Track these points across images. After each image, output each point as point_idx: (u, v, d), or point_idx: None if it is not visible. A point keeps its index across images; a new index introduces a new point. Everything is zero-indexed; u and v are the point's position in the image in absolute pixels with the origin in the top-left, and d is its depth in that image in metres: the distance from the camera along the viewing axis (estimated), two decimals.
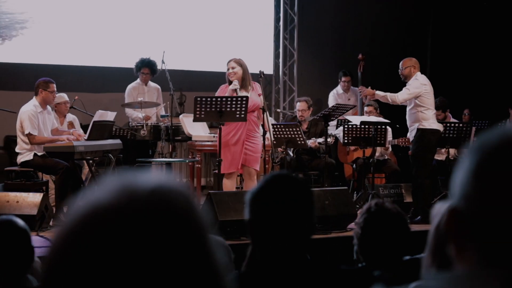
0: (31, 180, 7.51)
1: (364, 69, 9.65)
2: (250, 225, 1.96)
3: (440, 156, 8.71)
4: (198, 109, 6.70)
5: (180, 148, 9.98)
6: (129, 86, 9.49)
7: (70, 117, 8.82)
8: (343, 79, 10.35)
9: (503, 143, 0.99)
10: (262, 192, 1.98)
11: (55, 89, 7.45)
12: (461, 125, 8.26)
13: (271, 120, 9.42)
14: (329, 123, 8.10)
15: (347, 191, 6.97)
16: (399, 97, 7.50)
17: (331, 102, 10.24)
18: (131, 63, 9.47)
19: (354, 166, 9.11)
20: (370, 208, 3.17)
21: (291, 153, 8.89)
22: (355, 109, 9.91)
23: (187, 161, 7.69)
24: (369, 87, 7.83)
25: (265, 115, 6.94)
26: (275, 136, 7.93)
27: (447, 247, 1.06)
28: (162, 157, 9.11)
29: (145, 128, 8.81)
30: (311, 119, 8.45)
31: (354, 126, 8.20)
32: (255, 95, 7.11)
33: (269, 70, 11.33)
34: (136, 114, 9.11)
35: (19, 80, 9.69)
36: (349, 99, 10.21)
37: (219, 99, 6.71)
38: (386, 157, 9.14)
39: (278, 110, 9.42)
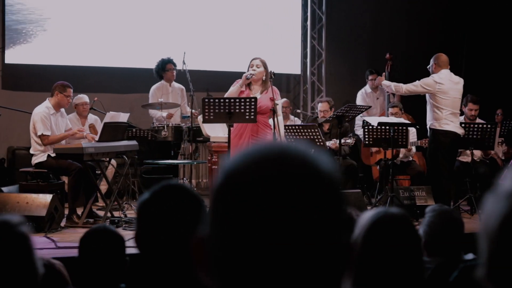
0: (47, 181, 7.57)
1: (391, 69, 9.48)
2: (137, 236, 1.86)
3: (466, 158, 8.45)
4: (206, 110, 6.63)
5: (202, 149, 9.94)
6: (153, 87, 9.48)
7: (92, 118, 8.87)
8: (370, 77, 10.16)
9: None
10: (150, 203, 1.88)
11: (71, 94, 7.48)
12: (485, 126, 7.99)
13: (292, 121, 9.31)
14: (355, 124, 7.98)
15: (359, 194, 6.80)
16: (403, 87, 7.31)
17: (359, 101, 10.07)
18: (154, 64, 9.47)
19: (379, 167, 8.92)
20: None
21: None
22: (382, 110, 9.73)
23: (195, 162, 7.61)
24: (383, 74, 7.76)
25: (275, 118, 6.82)
26: (294, 138, 7.80)
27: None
28: (184, 158, 9.09)
29: (166, 129, 8.79)
30: (323, 121, 8.29)
31: (374, 127, 8.04)
32: (265, 98, 7.00)
33: (296, 70, 11.21)
34: (159, 114, 9.10)
35: (44, 81, 9.79)
36: (377, 98, 10.03)
37: (227, 100, 6.63)
38: (411, 159, 8.92)
39: (298, 110, 9.28)
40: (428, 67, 7.50)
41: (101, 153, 6.94)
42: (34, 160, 7.33)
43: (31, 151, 7.39)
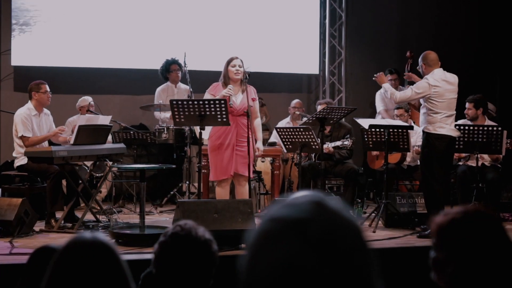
0: (35, 184, 7.51)
1: (412, 68, 9.01)
2: None
3: (474, 163, 7.91)
4: (176, 113, 6.40)
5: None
6: (158, 89, 9.34)
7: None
8: (389, 77, 9.69)
9: None
10: (60, 261, 1.78)
11: (48, 89, 7.40)
12: (490, 128, 7.44)
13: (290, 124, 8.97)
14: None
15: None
16: (397, 96, 6.88)
17: (378, 102, 9.66)
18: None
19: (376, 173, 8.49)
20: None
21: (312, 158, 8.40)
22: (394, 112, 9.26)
23: (164, 167, 7.38)
24: (382, 73, 7.36)
25: (249, 120, 6.52)
26: (290, 140, 7.46)
27: None
28: (188, 161, 8.87)
29: (166, 131, 8.62)
30: (301, 123, 7.90)
31: (377, 130, 7.64)
32: (246, 99, 6.71)
33: (314, 70, 10.83)
34: (164, 116, 8.93)
35: (55, 83, 9.76)
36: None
37: (195, 102, 6.38)
38: (419, 163, 8.42)
39: (297, 112, 8.93)
40: (417, 67, 7.05)
41: (76, 157, 6.79)
42: (16, 163, 7.27)
43: (14, 154, 7.34)
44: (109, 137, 8.67)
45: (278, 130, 7.60)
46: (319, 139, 7.49)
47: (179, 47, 9.48)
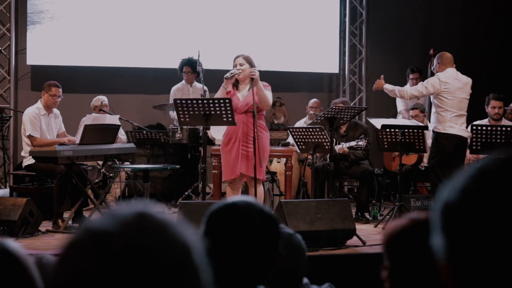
0: (44, 184, 7.46)
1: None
2: None
3: None
4: (180, 113, 6.27)
5: None
6: (174, 88, 9.25)
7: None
8: (411, 76, 9.48)
9: None
10: None
11: (59, 93, 7.31)
12: (509, 129, 7.19)
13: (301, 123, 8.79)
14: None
15: (345, 203, 6.22)
16: (407, 92, 6.68)
17: (399, 102, 9.44)
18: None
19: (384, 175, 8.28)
20: None
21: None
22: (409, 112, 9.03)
23: (168, 167, 7.26)
24: (381, 77, 7.13)
25: (255, 120, 6.32)
26: (303, 140, 7.29)
27: None
28: (202, 162, 8.74)
29: (180, 131, 8.52)
30: (310, 122, 7.71)
31: (392, 130, 7.43)
32: (249, 96, 6.52)
33: (334, 69, 10.63)
34: None
35: (73, 83, 9.77)
36: (418, 98, 9.32)
37: (200, 102, 6.24)
38: None
39: (311, 112, 8.73)
40: (432, 68, 6.85)
41: (82, 157, 6.72)
42: (24, 163, 7.23)
43: (22, 153, 7.31)
44: (124, 137, 8.62)
45: (291, 130, 7.44)
46: (334, 139, 7.31)
47: (197, 46, 9.36)
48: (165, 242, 0.88)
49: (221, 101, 6.18)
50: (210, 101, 6.19)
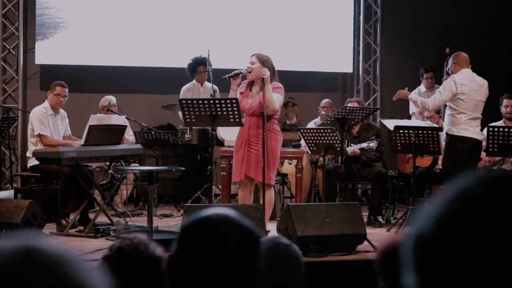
0: (50, 185, 7.33)
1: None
2: None
3: (509, 166, 7.43)
4: (186, 113, 6.10)
5: None
6: (184, 87, 9.07)
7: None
8: (425, 75, 9.26)
9: None
10: None
11: (64, 93, 7.19)
12: None
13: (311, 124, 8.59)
14: None
15: (356, 206, 6.02)
16: (429, 104, 6.47)
17: (412, 104, 9.20)
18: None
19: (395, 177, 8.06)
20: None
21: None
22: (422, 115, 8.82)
23: (173, 170, 7.09)
24: (406, 88, 6.88)
25: (264, 122, 6.12)
26: (314, 141, 7.10)
27: None
28: (213, 164, 8.57)
29: (189, 132, 8.35)
30: (320, 123, 7.50)
31: (405, 132, 7.22)
32: (258, 99, 6.33)
33: (348, 68, 10.42)
34: None
35: (82, 82, 9.66)
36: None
37: (206, 102, 6.06)
38: None
39: (323, 112, 8.53)
40: (447, 68, 6.63)
41: (87, 158, 6.57)
42: (29, 163, 7.11)
43: (27, 154, 7.18)
44: (131, 138, 8.46)
45: (302, 131, 7.25)
46: (346, 141, 7.10)
47: (207, 45, 9.19)
48: (56, 286, 0.69)
49: (228, 101, 6.00)
50: (217, 101, 6.02)
